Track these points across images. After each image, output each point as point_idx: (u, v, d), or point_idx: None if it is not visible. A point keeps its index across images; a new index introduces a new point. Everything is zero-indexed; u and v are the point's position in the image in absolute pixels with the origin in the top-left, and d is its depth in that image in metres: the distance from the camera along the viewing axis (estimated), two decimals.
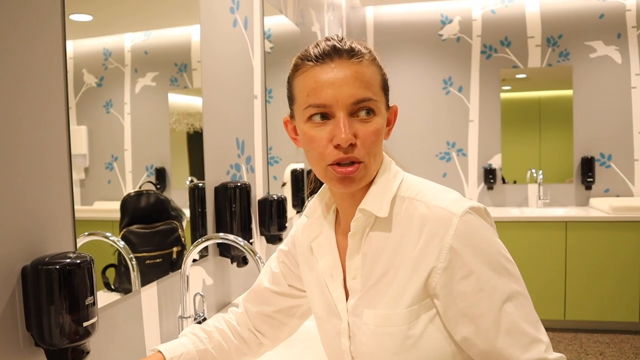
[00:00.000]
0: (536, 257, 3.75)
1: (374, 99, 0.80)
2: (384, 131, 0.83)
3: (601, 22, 4.11)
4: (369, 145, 0.79)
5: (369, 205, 0.83)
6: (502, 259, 0.80)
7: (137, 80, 1.30)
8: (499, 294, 0.78)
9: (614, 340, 3.60)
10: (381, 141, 0.83)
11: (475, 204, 0.79)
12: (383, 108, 0.83)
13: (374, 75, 0.82)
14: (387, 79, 0.86)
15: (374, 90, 0.81)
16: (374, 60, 0.83)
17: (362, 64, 0.80)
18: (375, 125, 0.80)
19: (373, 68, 0.82)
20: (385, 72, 0.86)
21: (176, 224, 1.45)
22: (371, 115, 0.80)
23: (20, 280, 0.86)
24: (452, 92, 4.41)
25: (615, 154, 4.15)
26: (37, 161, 0.91)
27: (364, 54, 0.82)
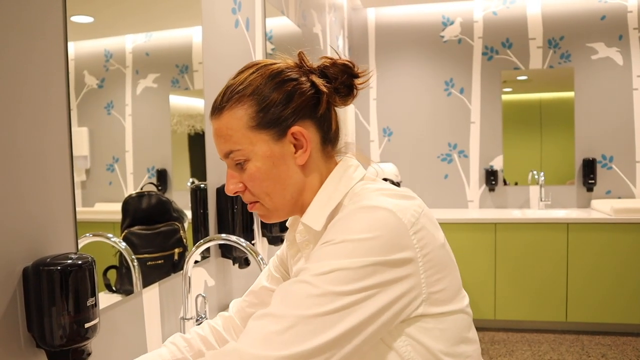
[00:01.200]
0: (538, 258, 3.75)
1: (235, 149, 0.81)
2: (267, 170, 0.82)
3: (603, 23, 4.11)
4: (252, 189, 0.84)
5: (307, 219, 0.84)
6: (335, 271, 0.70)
7: (139, 81, 1.30)
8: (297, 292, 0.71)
9: (615, 342, 3.59)
10: (271, 179, 0.82)
11: (375, 202, 0.74)
12: (257, 148, 0.81)
13: (232, 122, 0.81)
14: (267, 106, 0.81)
15: (235, 139, 0.81)
16: (238, 101, 0.81)
17: (221, 117, 0.82)
18: (249, 171, 0.82)
19: (233, 113, 0.81)
20: (264, 99, 0.81)
21: (178, 225, 1.45)
22: (243, 163, 0.83)
23: (22, 281, 0.86)
24: (454, 94, 4.41)
25: (616, 155, 4.14)
26: (38, 162, 0.91)
27: (224, 106, 0.82)
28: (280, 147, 0.82)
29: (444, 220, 3.81)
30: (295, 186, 0.84)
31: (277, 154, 0.82)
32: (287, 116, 0.81)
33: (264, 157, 0.81)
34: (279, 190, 0.83)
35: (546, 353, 3.46)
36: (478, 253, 3.81)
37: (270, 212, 0.86)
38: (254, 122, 0.81)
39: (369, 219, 0.72)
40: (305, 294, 0.68)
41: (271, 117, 0.81)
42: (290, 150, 0.83)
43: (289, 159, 0.83)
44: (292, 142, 0.83)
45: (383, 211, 0.72)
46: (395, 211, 0.73)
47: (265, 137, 0.81)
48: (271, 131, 0.81)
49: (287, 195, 0.84)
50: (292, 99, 0.82)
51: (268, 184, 0.82)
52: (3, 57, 0.84)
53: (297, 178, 0.84)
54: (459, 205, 4.40)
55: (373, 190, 0.80)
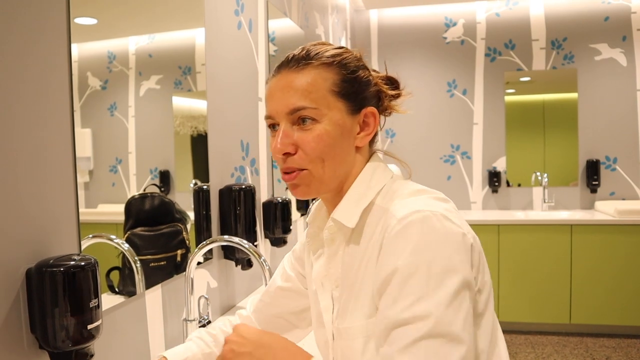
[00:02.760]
0: (541, 260, 3.74)
1: (310, 107, 0.79)
2: (335, 136, 0.81)
3: (606, 24, 4.10)
4: (310, 152, 0.81)
5: (338, 215, 0.83)
6: (416, 274, 0.70)
7: (142, 83, 1.30)
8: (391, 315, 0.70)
9: (620, 345, 3.58)
10: (335, 147, 0.81)
11: (426, 211, 0.73)
12: (332, 113, 0.81)
13: (318, 80, 0.81)
14: (352, 80, 0.83)
15: (314, 97, 0.80)
16: (326, 64, 0.82)
17: (303, 71, 0.81)
18: (315, 132, 0.80)
19: (320, 72, 0.81)
20: (350, 72, 0.83)
21: (180, 226, 1.45)
22: (309, 123, 0.80)
23: (25, 282, 0.86)
24: (457, 95, 4.40)
25: (620, 157, 4.13)
26: (41, 164, 0.92)
27: (310, 61, 0.81)
28: (351, 121, 0.83)
29: None
30: (346, 165, 0.84)
31: (347, 126, 0.82)
32: (365, 97, 0.84)
33: (335, 124, 0.81)
34: (336, 161, 0.82)
35: (550, 355, 3.45)
36: None
37: (314, 181, 0.83)
38: (338, 88, 0.81)
39: (431, 231, 0.71)
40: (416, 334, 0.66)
41: (354, 90, 0.83)
42: (356, 129, 0.84)
43: (351, 137, 0.84)
44: (359, 123, 0.84)
45: (439, 219, 0.72)
46: (448, 215, 0.74)
47: (342, 107, 0.82)
48: (349, 103, 0.82)
49: (339, 169, 0.83)
50: (369, 85, 0.86)
51: (329, 150, 0.81)
52: (7, 58, 0.84)
53: (351, 158, 0.85)
54: (462, 206, 4.39)
55: (411, 192, 0.80)
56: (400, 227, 0.72)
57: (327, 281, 0.88)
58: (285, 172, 0.83)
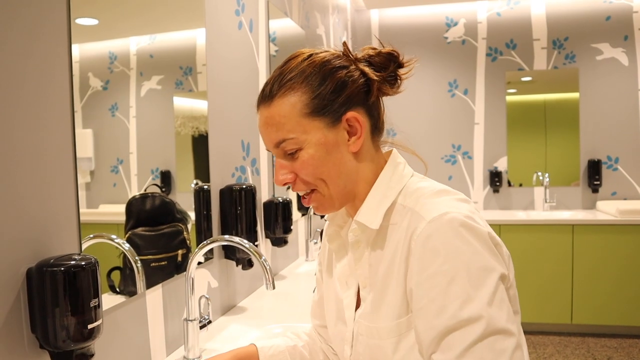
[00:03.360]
0: (543, 260, 3.73)
1: (288, 137, 0.80)
2: (321, 157, 0.81)
3: (608, 24, 4.09)
4: (307, 176, 0.82)
5: (362, 217, 0.83)
6: (448, 277, 0.71)
7: (143, 83, 1.30)
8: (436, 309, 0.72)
9: (621, 345, 3.57)
10: (326, 165, 0.81)
11: (454, 213, 0.74)
12: (311, 136, 0.80)
13: (286, 109, 0.80)
14: (322, 93, 0.80)
15: (288, 127, 0.80)
16: (291, 89, 0.80)
17: (272, 105, 0.81)
18: (302, 159, 0.81)
19: (287, 99, 0.80)
20: (318, 85, 0.80)
21: (181, 226, 1.45)
22: (295, 152, 0.81)
23: (25, 282, 0.86)
24: (458, 95, 4.40)
25: (622, 156, 4.12)
26: (42, 164, 0.92)
27: (275, 93, 0.81)
28: (335, 134, 0.81)
29: None
30: (349, 174, 0.83)
31: (331, 141, 0.81)
32: (342, 103, 0.81)
33: (318, 144, 0.80)
34: (334, 177, 0.82)
35: (551, 355, 3.45)
36: None
37: (326, 200, 0.84)
38: (308, 109, 0.80)
39: (462, 233, 0.72)
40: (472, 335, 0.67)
41: (325, 103, 0.80)
42: (344, 137, 0.82)
43: (342, 146, 0.82)
44: (345, 129, 0.82)
45: (467, 220, 0.73)
46: (474, 217, 0.74)
47: (319, 124, 0.80)
48: (325, 118, 0.81)
49: (342, 183, 0.83)
50: (345, 86, 0.81)
51: (322, 170, 0.81)
52: (7, 59, 0.84)
53: (351, 166, 0.83)
54: None
55: (435, 192, 0.80)
56: (430, 230, 0.73)
57: (351, 281, 0.89)
58: (302, 197, 0.87)
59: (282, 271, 2.31)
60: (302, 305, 1.79)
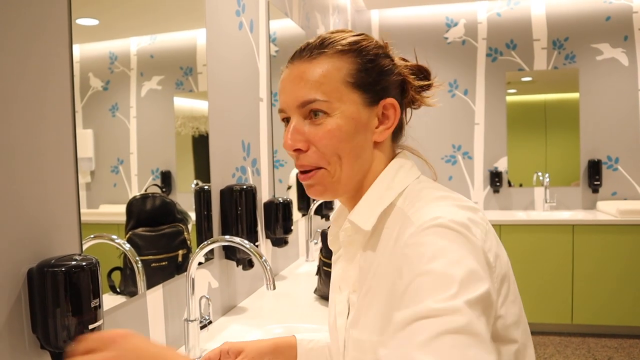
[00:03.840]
0: (543, 260, 3.73)
1: (321, 99, 0.74)
2: (348, 131, 0.75)
3: (608, 24, 4.09)
4: (322, 149, 0.75)
5: (355, 217, 0.77)
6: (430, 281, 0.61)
7: (143, 83, 1.30)
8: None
9: (622, 345, 3.57)
10: (349, 142, 0.75)
11: (446, 218, 0.65)
12: (346, 106, 0.75)
13: (331, 70, 0.75)
14: (369, 69, 0.77)
15: (326, 89, 0.74)
16: (342, 53, 0.76)
17: (316, 61, 0.76)
18: (327, 127, 0.75)
19: (334, 62, 0.76)
20: (368, 61, 0.77)
21: (182, 226, 1.45)
22: (320, 117, 0.75)
23: (26, 282, 0.86)
24: (458, 95, 4.40)
25: (622, 157, 4.12)
26: (43, 164, 0.92)
27: (323, 49, 0.76)
28: (368, 114, 0.77)
29: None
30: (364, 162, 0.78)
31: (362, 119, 0.76)
32: (386, 86, 0.78)
33: (349, 117, 0.75)
34: (351, 158, 0.76)
35: (552, 355, 3.45)
36: None
37: (331, 181, 0.77)
38: (353, 78, 0.76)
39: (450, 237, 0.63)
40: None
41: (371, 80, 0.77)
42: (374, 122, 0.78)
43: (368, 131, 0.78)
44: (378, 115, 0.78)
45: (460, 229, 0.64)
46: (470, 226, 0.65)
47: (356, 99, 0.76)
48: (365, 94, 0.76)
49: (356, 167, 0.77)
50: (390, 74, 0.79)
51: (344, 145, 0.75)
52: (8, 59, 0.84)
53: (369, 154, 0.79)
54: None
55: (436, 197, 0.73)
56: (417, 236, 0.65)
57: (344, 284, 0.83)
58: (302, 171, 0.79)
59: (282, 271, 2.31)
60: (303, 305, 1.79)
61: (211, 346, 1.41)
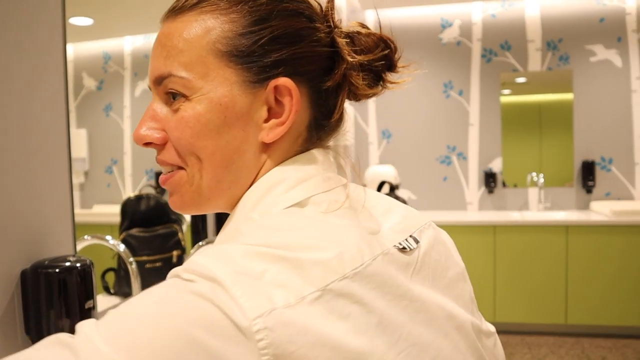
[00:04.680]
0: (537, 260, 3.75)
1: (176, 74, 0.52)
2: (210, 122, 0.52)
3: (601, 25, 4.12)
4: (175, 144, 0.54)
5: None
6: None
7: (137, 83, 1.30)
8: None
9: (616, 345, 3.59)
10: (212, 138, 0.52)
11: (189, 274, 0.42)
12: (211, 85, 0.52)
13: (194, 30, 0.52)
14: (260, 30, 0.52)
15: (185, 58, 0.52)
16: (216, 6, 0.53)
17: (178, 18, 0.55)
18: (181, 113, 0.52)
19: (205, 20, 0.53)
20: (260, 19, 0.52)
21: (176, 227, 1.45)
22: (178, 100, 0.53)
23: (20, 283, 0.85)
24: (452, 96, 4.41)
25: (616, 157, 4.15)
26: (36, 164, 0.91)
27: (191, 4, 0.54)
28: (249, 100, 0.53)
29: (443, 223, 3.81)
30: (242, 171, 0.54)
31: (237, 106, 0.52)
32: (282, 60, 0.53)
33: (214, 102, 0.52)
34: (216, 161, 0.53)
35: (546, 356, 3.46)
36: (477, 255, 3.81)
37: (192, 191, 0.55)
38: (225, 46, 0.52)
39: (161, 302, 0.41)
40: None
41: (255, 49, 0.52)
42: (260, 114, 0.54)
43: (250, 126, 0.53)
44: (267, 104, 0.54)
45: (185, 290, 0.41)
46: (227, 286, 0.40)
47: (230, 75, 0.52)
48: (246, 69, 0.52)
49: (226, 176, 0.54)
50: (300, 40, 0.53)
51: (204, 143, 0.52)
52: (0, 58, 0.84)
53: (249, 161, 0.54)
54: (458, 207, 4.40)
55: (250, 230, 0.48)
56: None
57: None
58: (162, 175, 0.57)
59: None
60: None
61: None
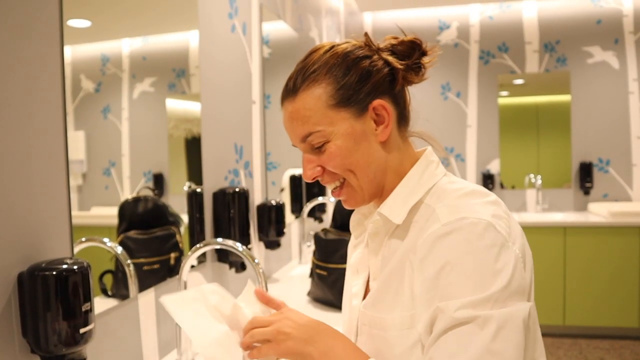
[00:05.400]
0: (535, 262, 3.72)
1: (314, 131, 0.80)
2: (349, 148, 0.80)
3: (598, 27, 4.13)
4: (335, 167, 0.81)
5: (385, 210, 0.82)
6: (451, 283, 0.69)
7: (135, 85, 1.30)
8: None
9: (613, 346, 3.59)
10: (354, 156, 0.81)
11: (472, 218, 0.72)
12: (338, 127, 0.80)
13: (311, 102, 0.80)
14: (347, 83, 0.80)
15: (314, 120, 0.80)
16: (315, 81, 0.80)
17: (297, 98, 0.81)
18: (329, 150, 0.80)
19: (311, 92, 0.80)
20: (343, 76, 0.80)
21: (174, 229, 1.45)
22: (322, 144, 0.81)
23: (17, 286, 0.85)
24: (450, 98, 4.42)
25: (613, 159, 4.16)
26: (34, 167, 0.91)
27: (299, 87, 0.81)
28: (362, 123, 0.81)
29: None
30: (378, 164, 0.83)
31: (358, 131, 0.80)
32: (367, 92, 0.81)
33: (345, 135, 0.80)
34: (362, 168, 0.81)
35: None
36: None
37: (356, 192, 0.84)
38: (334, 100, 0.79)
39: (477, 239, 0.70)
40: (468, 334, 0.65)
41: (351, 93, 0.80)
42: (371, 127, 0.81)
43: (370, 136, 0.81)
44: (373, 118, 0.81)
45: (486, 227, 0.71)
46: (494, 224, 0.72)
47: (345, 115, 0.80)
48: (352, 108, 0.80)
49: (371, 173, 0.82)
50: (370, 75, 0.81)
51: (351, 161, 0.81)
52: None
53: (379, 156, 0.82)
54: None
55: (461, 194, 0.78)
56: (441, 232, 0.72)
57: (363, 268, 0.89)
58: (332, 191, 0.86)
59: (275, 274, 2.30)
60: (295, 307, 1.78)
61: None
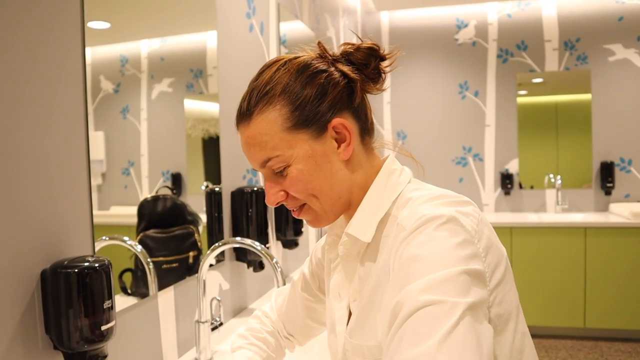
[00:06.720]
0: (555, 263, 3.70)
1: (273, 156, 0.74)
2: (310, 170, 0.75)
3: (620, 24, 4.05)
4: (297, 192, 0.77)
5: (352, 230, 0.78)
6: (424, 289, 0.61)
7: (154, 86, 1.31)
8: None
9: (636, 349, 3.52)
10: (317, 178, 0.75)
11: (432, 214, 0.67)
12: (297, 150, 0.74)
13: (266, 126, 0.74)
14: (302, 103, 0.74)
15: (272, 144, 0.74)
16: (267, 104, 0.75)
17: (251, 123, 0.76)
18: (291, 175, 0.75)
19: (265, 116, 0.74)
20: (296, 97, 0.74)
21: (192, 228, 1.46)
22: (282, 169, 0.76)
23: (40, 283, 0.87)
24: (468, 97, 4.38)
25: (635, 158, 4.07)
26: (56, 167, 0.92)
27: (252, 110, 0.76)
28: (322, 144, 0.75)
29: None
30: (342, 184, 0.77)
31: (319, 152, 0.75)
32: (325, 110, 0.75)
33: (306, 157, 0.74)
34: (326, 191, 0.76)
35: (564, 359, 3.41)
36: None
37: (319, 215, 0.79)
38: (290, 122, 0.74)
39: (436, 229, 0.65)
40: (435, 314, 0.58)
41: (308, 113, 0.74)
42: (333, 146, 0.76)
43: (332, 156, 0.76)
44: (333, 137, 0.76)
45: (448, 220, 0.65)
46: (458, 218, 0.66)
47: (304, 137, 0.74)
48: (310, 129, 0.74)
49: (335, 195, 0.77)
50: (326, 91, 0.75)
51: (314, 185, 0.76)
52: (22, 63, 0.85)
53: (343, 175, 0.77)
54: None
55: (425, 199, 0.72)
56: (408, 239, 0.66)
57: (344, 292, 0.84)
58: (293, 211, 0.82)
59: (292, 273, 2.31)
60: None
61: (222, 348, 1.41)
